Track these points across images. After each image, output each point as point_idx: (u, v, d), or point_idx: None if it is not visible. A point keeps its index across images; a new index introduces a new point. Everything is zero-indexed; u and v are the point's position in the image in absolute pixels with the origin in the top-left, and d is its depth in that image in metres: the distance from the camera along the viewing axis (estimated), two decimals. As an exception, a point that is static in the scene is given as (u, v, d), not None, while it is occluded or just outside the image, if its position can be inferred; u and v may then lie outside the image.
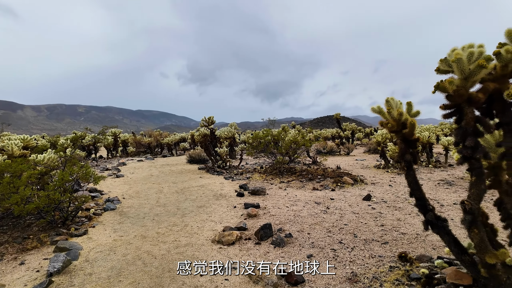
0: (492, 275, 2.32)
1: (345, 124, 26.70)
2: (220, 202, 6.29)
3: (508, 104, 2.30)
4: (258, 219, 5.01)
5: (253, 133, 12.35)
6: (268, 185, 8.11)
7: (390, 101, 2.67)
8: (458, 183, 7.77)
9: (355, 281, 2.85)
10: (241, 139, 24.11)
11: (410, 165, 2.69)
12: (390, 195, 6.55)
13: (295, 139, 10.38)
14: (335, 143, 18.19)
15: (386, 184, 7.98)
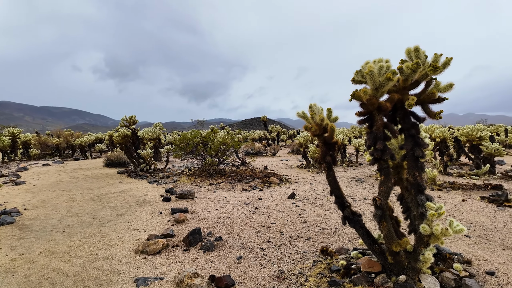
0: (397, 261, 2.68)
1: (271, 126, 27.85)
2: (144, 208, 5.89)
3: (408, 112, 2.69)
4: (187, 224, 4.84)
5: (181, 134, 11.92)
6: (197, 188, 7.93)
7: (313, 107, 2.86)
8: (367, 180, 8.81)
9: (282, 279, 2.96)
10: (167, 140, 23.08)
11: (330, 166, 2.93)
12: (312, 193, 7.05)
13: (224, 140, 10.38)
14: (263, 145, 18.81)
15: (308, 182, 8.57)
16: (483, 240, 3.84)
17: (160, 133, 15.23)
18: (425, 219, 2.50)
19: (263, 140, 25.79)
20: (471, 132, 9.20)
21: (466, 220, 4.70)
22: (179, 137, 11.49)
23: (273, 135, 26.32)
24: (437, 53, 2.47)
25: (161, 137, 15.42)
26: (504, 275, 2.90)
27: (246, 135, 26.56)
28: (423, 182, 2.63)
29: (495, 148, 8.69)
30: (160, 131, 15.54)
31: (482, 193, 6.52)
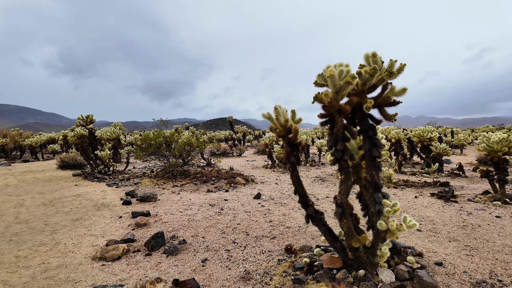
0: (357, 256, 2.81)
1: (237, 127, 27.85)
2: (102, 212, 5.58)
3: (366, 114, 2.83)
4: (149, 228, 4.67)
5: (142, 134, 11.48)
6: (160, 190, 7.68)
7: (278, 108, 2.91)
8: (329, 179, 9.13)
9: (248, 279, 2.97)
10: (128, 140, 22.12)
11: (295, 166, 3.00)
12: (277, 193, 7.16)
13: (189, 141, 10.18)
14: (229, 145, 18.73)
15: (273, 182, 8.69)
16: (433, 234, 4.16)
17: (120, 133, 14.54)
18: (382, 215, 2.65)
19: (229, 140, 25.69)
20: (422, 134, 9.93)
21: (418, 215, 5.06)
22: (140, 137, 11.06)
23: (239, 136, 26.33)
24: (392, 59, 2.64)
25: (120, 138, 14.72)
26: (450, 265, 3.17)
27: (212, 136, 26.28)
28: (380, 180, 2.79)
29: (443, 148, 9.46)
30: (120, 131, 14.85)
31: (432, 190, 7.06)
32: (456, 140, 17.01)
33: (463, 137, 16.93)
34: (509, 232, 4.15)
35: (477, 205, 5.62)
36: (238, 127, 27.99)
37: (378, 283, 2.65)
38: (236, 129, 27.90)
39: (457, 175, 9.11)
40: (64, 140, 17.68)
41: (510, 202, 5.61)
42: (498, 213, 5.03)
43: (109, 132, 13.90)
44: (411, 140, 11.12)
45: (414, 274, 2.79)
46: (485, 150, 5.98)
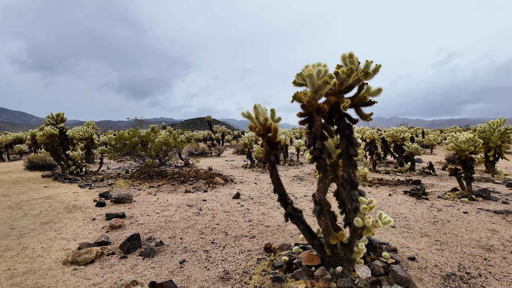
0: (334, 253, 2.86)
1: (216, 127, 27.63)
2: (74, 215, 5.34)
3: (343, 114, 2.89)
4: (124, 230, 4.52)
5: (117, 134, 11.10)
6: (135, 191, 7.46)
7: (257, 107, 2.90)
8: (307, 178, 9.26)
9: (227, 279, 2.94)
10: (101, 140, 21.36)
11: (274, 165, 3.00)
12: (256, 192, 7.17)
13: (166, 140, 9.96)
14: (207, 145, 18.55)
15: (253, 182, 8.69)
16: (406, 230, 4.32)
17: (93, 133, 14.00)
18: (359, 212, 2.71)
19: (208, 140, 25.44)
20: (396, 134, 10.30)
21: (392, 212, 5.24)
22: (115, 137, 10.69)
23: (218, 136, 26.14)
24: (368, 60, 2.70)
25: (94, 137, 14.18)
26: (423, 260, 3.30)
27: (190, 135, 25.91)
28: (357, 178, 2.85)
29: (415, 148, 9.86)
30: (93, 130, 14.29)
31: (405, 188, 7.34)
32: (427, 140, 17.79)
33: (433, 137, 17.74)
34: (475, 227, 4.38)
35: (447, 201, 5.90)
36: (217, 127, 27.78)
37: (355, 279, 2.71)
38: (214, 129, 27.68)
39: (428, 174, 9.53)
40: (33, 139, 16.79)
41: (476, 199, 5.93)
42: (465, 209, 5.31)
43: (82, 131, 13.35)
44: (385, 140, 11.51)
45: (389, 269, 2.87)
46: (454, 149, 6.29)
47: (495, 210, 5.17)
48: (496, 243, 3.73)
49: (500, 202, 5.83)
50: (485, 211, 5.18)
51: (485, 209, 5.26)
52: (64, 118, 10.89)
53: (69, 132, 12.42)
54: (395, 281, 2.72)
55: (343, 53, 2.71)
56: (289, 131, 29.64)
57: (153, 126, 23.97)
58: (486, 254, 3.41)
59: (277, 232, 4.34)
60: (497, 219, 4.72)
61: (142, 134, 10.32)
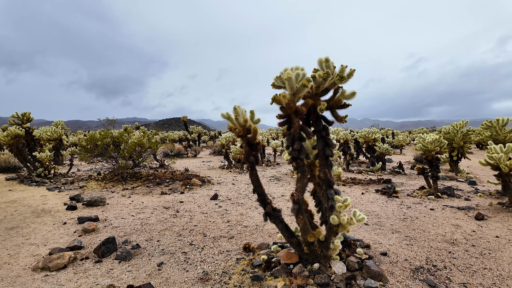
0: (311, 250, 2.95)
1: (192, 127, 27.27)
2: (43, 219, 5.10)
3: (320, 116, 2.99)
4: (98, 233, 4.38)
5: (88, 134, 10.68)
6: (108, 193, 7.23)
7: (237, 108, 2.93)
8: (284, 178, 9.40)
9: (206, 280, 2.95)
10: (71, 141, 20.43)
11: (254, 165, 3.05)
12: (234, 193, 7.18)
13: (140, 141, 9.72)
14: (183, 146, 18.27)
15: (230, 183, 8.70)
16: (378, 227, 4.52)
17: (62, 133, 13.36)
18: (334, 210, 2.82)
19: (184, 141, 25.05)
20: (368, 135, 10.71)
21: (365, 210, 5.46)
22: (85, 137, 10.29)
23: (194, 136, 25.82)
24: (343, 64, 2.82)
25: (63, 138, 13.53)
26: (394, 255, 3.48)
27: (165, 136, 25.40)
28: (332, 178, 2.96)
29: (386, 148, 10.31)
30: (62, 130, 13.63)
31: (377, 186, 7.65)
32: (397, 140, 18.61)
33: (402, 138, 18.59)
34: (441, 222, 4.68)
35: (415, 199, 6.24)
36: (193, 127, 27.43)
37: (331, 275, 2.81)
38: (190, 129, 27.31)
39: (397, 173, 9.99)
40: (-6, 140, 15.74)
41: (442, 196, 6.32)
42: (432, 206, 5.64)
43: (50, 131, 12.70)
44: (358, 141, 11.92)
45: (363, 264, 3.01)
46: (421, 149, 6.65)
47: (458, 207, 5.53)
48: (459, 237, 4.01)
49: (463, 199, 6.24)
50: (449, 207, 5.53)
51: (450, 206, 5.61)
52: (31, 117, 10.33)
53: (36, 132, 11.79)
54: (368, 275, 2.85)
55: (320, 57, 2.81)
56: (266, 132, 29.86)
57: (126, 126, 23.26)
58: (451, 248, 3.66)
59: (256, 232, 4.39)
60: (460, 215, 5.06)
61: (115, 134, 10.00)
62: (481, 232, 4.22)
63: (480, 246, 3.72)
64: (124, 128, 22.67)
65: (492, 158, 5.40)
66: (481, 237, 4.01)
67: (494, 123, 7.11)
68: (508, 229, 4.32)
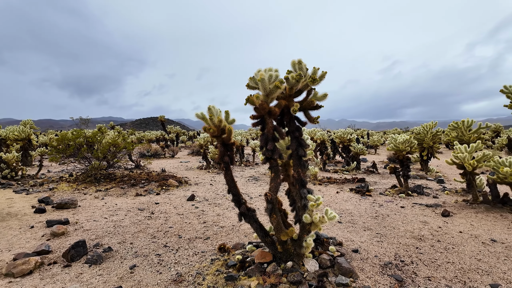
0: (285, 249, 2.99)
1: (169, 127, 26.81)
2: (8, 223, 4.84)
3: (293, 117, 3.04)
4: (68, 237, 4.22)
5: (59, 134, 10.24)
6: (80, 195, 6.97)
7: (211, 108, 2.93)
8: (262, 178, 9.46)
9: (180, 281, 2.92)
10: (41, 141, 19.52)
11: (228, 165, 3.06)
12: (211, 193, 7.14)
13: (114, 141, 9.45)
14: (160, 146, 17.93)
15: (208, 183, 8.64)
16: (351, 225, 4.65)
17: (31, 133, 12.74)
18: (307, 209, 2.88)
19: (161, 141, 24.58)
20: (343, 135, 10.98)
21: (339, 208, 5.60)
22: (56, 137, 9.86)
23: (172, 136, 25.40)
24: (316, 67, 2.89)
25: (32, 138, 12.90)
26: (364, 251, 3.60)
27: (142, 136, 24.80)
28: (306, 177, 3.02)
29: (360, 148, 10.61)
30: (31, 130, 13.00)
31: (351, 185, 7.86)
32: (371, 141, 19.20)
33: (376, 139, 19.20)
34: (410, 219, 4.88)
35: (387, 197, 6.47)
36: (171, 127, 26.97)
37: (304, 273, 2.87)
38: (168, 129, 26.83)
39: (371, 172, 10.31)
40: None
41: (412, 194, 6.59)
42: (403, 204, 5.87)
43: (17, 131, 12.07)
44: (334, 141, 12.19)
45: (335, 261, 3.09)
46: (393, 149, 6.91)
47: (426, 204, 5.80)
48: (426, 233, 4.20)
49: (431, 196, 6.55)
50: (418, 205, 5.78)
51: (419, 204, 5.87)
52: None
53: (2, 132, 11.16)
54: (340, 272, 2.93)
55: (293, 59, 2.86)
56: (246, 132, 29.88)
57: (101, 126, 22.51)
58: (418, 244, 3.83)
59: (232, 232, 4.39)
60: (428, 212, 5.30)
61: (88, 134, 9.66)
62: (446, 228, 4.45)
63: (445, 241, 3.92)
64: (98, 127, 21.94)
65: (457, 158, 5.71)
66: (446, 233, 4.22)
67: (460, 125, 7.52)
68: (471, 225, 4.57)
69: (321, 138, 11.77)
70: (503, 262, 3.29)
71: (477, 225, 4.57)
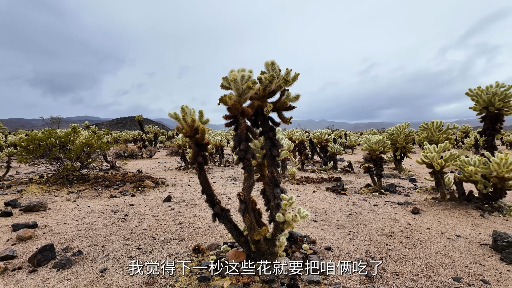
0: (258, 248, 3.01)
1: (147, 127, 26.25)
2: (-30, 228, 4.58)
3: (267, 117, 3.07)
4: (35, 241, 4.05)
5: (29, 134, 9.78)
6: (51, 197, 6.70)
7: (184, 108, 2.90)
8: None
9: (152, 283, 2.88)
10: (9, 141, 18.57)
11: (202, 166, 3.04)
12: (189, 194, 7.07)
13: (88, 141, 9.14)
14: (137, 146, 17.52)
15: (186, 184, 8.54)
16: (325, 223, 4.75)
17: (-2, 133, 12.09)
18: (280, 208, 2.92)
19: (139, 141, 24.01)
20: (321, 135, 11.19)
21: (315, 207, 5.70)
22: (26, 137, 9.42)
23: (150, 136, 24.88)
24: (288, 68, 2.93)
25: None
26: (337, 249, 3.68)
27: (118, 136, 24.13)
28: (279, 177, 3.06)
29: (337, 148, 10.85)
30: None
31: (327, 184, 8.02)
32: (349, 141, 19.67)
33: (353, 139, 19.69)
34: (382, 217, 5.05)
35: (361, 196, 6.65)
36: (149, 127, 26.40)
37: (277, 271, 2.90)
38: (146, 129, 26.25)
39: (347, 171, 10.57)
40: None
41: (385, 193, 6.81)
42: (376, 202, 6.06)
43: (-19, 130, 11.41)
44: (312, 141, 12.39)
45: (307, 259, 3.15)
46: (367, 149, 7.11)
47: (398, 202, 6.02)
48: (396, 230, 4.36)
49: (403, 195, 6.80)
50: (390, 203, 5.99)
51: (391, 202, 6.08)
52: (-43, 114, 9.19)
53: (-36, 131, 10.51)
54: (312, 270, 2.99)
55: (266, 60, 2.89)
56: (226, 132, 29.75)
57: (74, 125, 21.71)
58: (388, 240, 3.97)
59: (208, 233, 4.36)
60: (399, 210, 5.50)
61: (60, 134, 9.29)
62: (415, 225, 4.64)
63: (413, 237, 4.08)
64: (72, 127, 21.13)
65: (427, 157, 5.96)
66: (415, 230, 4.40)
67: (429, 126, 7.86)
68: (438, 221, 4.79)
69: (299, 138, 11.92)
70: (465, 256, 3.47)
71: (444, 221, 4.80)
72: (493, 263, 3.30)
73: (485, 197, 5.55)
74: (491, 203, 5.51)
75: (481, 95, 5.97)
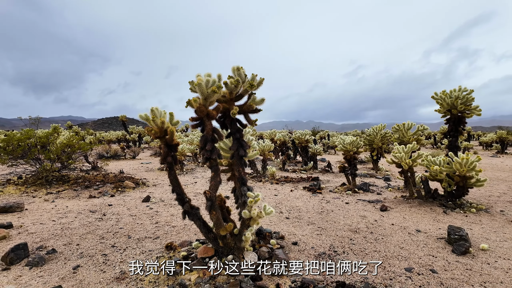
0: (226, 243, 3.18)
1: (132, 127, 26.00)
2: None
3: (234, 119, 3.25)
4: (9, 241, 4.09)
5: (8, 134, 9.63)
6: (29, 198, 6.68)
7: (154, 110, 3.04)
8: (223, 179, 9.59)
9: (122, 279, 3.00)
10: (-12, 141, 18.08)
11: (172, 166, 3.19)
12: (168, 194, 7.16)
13: (70, 142, 9.09)
14: (120, 147, 17.39)
15: (167, 184, 8.61)
16: (297, 220, 4.97)
17: (-25, 133, 11.82)
18: (247, 205, 3.10)
19: (122, 141, 23.77)
20: (301, 136, 11.46)
21: (290, 205, 5.91)
22: (5, 137, 9.28)
23: (134, 137, 24.67)
24: (254, 73, 3.12)
25: (-24, 138, 11.96)
26: (303, 244, 3.89)
27: (101, 136, 23.82)
28: (246, 176, 3.25)
29: (317, 148, 11.14)
30: (-25, 130, 12.05)
31: (305, 184, 8.27)
32: (331, 142, 20.07)
33: (336, 140, 20.11)
34: (351, 214, 5.30)
35: (335, 194, 6.92)
36: (133, 128, 26.17)
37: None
38: (131, 129, 26.01)
39: (327, 171, 10.87)
40: None
41: (358, 191, 7.10)
42: (348, 200, 6.33)
43: (-43, 131, 11.14)
44: (294, 142, 12.65)
45: (273, 253, 3.34)
46: (342, 150, 7.39)
47: (369, 200, 6.30)
48: (362, 226, 4.62)
49: (376, 193, 7.10)
50: (362, 201, 6.27)
51: (362, 200, 6.36)
52: None
53: None
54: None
55: (233, 66, 3.07)
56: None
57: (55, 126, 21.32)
58: (352, 235, 4.21)
59: (183, 231, 4.50)
60: (369, 207, 5.78)
61: (40, 135, 9.19)
62: (381, 221, 4.91)
63: (377, 233, 4.34)
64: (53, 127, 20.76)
65: (396, 157, 6.27)
66: (380, 225, 4.67)
67: (401, 127, 8.22)
68: (403, 218, 5.08)
69: (281, 139, 12.16)
70: (421, 249, 3.74)
71: (409, 218, 5.09)
72: (445, 254, 3.58)
73: (449, 195, 5.89)
74: (454, 200, 5.86)
75: (445, 98, 6.33)
